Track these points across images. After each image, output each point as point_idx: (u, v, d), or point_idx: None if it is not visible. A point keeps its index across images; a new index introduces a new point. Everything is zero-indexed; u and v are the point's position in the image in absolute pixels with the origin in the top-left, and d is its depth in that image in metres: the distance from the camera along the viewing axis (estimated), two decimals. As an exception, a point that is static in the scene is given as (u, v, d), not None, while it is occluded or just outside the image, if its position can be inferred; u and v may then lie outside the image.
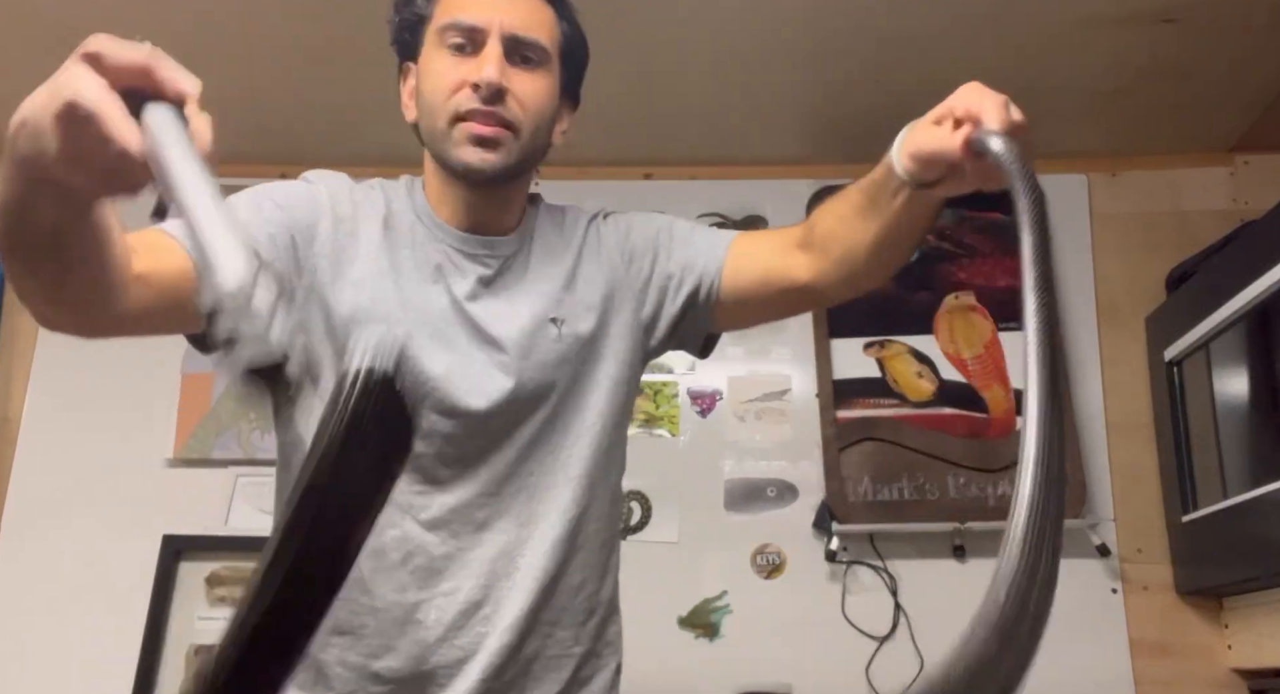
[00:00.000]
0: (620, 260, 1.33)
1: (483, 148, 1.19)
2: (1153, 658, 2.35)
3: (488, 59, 1.19)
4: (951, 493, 2.41)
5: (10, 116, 0.85)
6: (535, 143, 1.24)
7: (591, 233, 1.35)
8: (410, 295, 1.22)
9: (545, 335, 1.25)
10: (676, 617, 2.45)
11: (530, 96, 1.21)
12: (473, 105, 1.18)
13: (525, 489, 1.24)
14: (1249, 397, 2.17)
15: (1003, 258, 2.59)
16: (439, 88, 1.21)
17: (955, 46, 2.28)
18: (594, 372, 1.28)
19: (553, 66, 1.25)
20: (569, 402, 1.27)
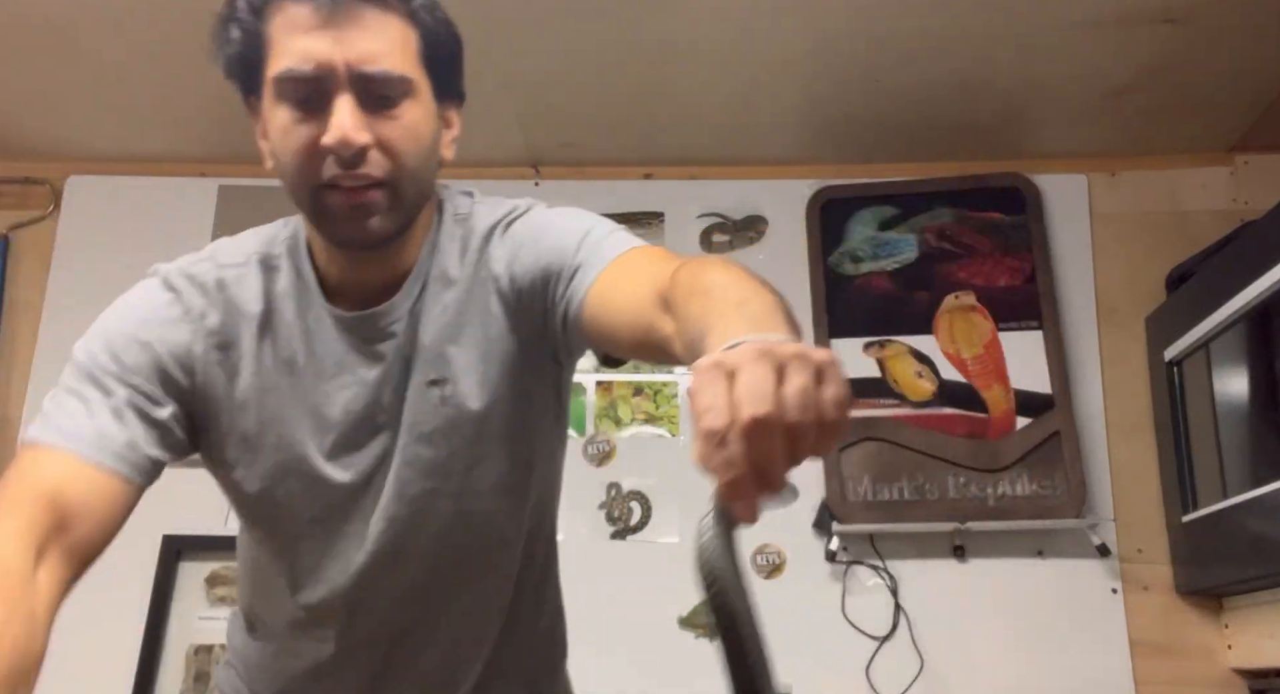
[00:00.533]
0: (509, 288, 1.10)
1: (357, 218, 1.02)
2: (1153, 658, 2.35)
3: (337, 118, 0.99)
4: (951, 493, 2.41)
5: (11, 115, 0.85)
6: (419, 186, 1.06)
7: (489, 251, 1.12)
8: (308, 406, 1.09)
9: (428, 404, 1.09)
10: (676, 617, 2.45)
11: (399, 141, 1.02)
12: (334, 172, 1.00)
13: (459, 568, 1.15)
14: (1249, 397, 2.17)
15: (1003, 257, 2.59)
16: (288, 154, 1.02)
17: (955, 47, 2.28)
18: (493, 429, 1.11)
19: (418, 89, 1.04)
20: (478, 466, 1.12)
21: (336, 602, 1.13)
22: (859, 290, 2.61)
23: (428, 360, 1.09)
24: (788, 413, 0.62)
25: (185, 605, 2.47)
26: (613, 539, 2.52)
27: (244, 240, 1.15)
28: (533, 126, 2.62)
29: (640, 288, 0.98)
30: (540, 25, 2.23)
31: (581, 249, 1.06)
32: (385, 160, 1.01)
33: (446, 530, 1.12)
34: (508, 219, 1.13)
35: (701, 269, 0.88)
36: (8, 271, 2.71)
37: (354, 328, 1.10)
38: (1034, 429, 2.44)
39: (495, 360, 1.10)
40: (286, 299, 1.11)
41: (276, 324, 1.10)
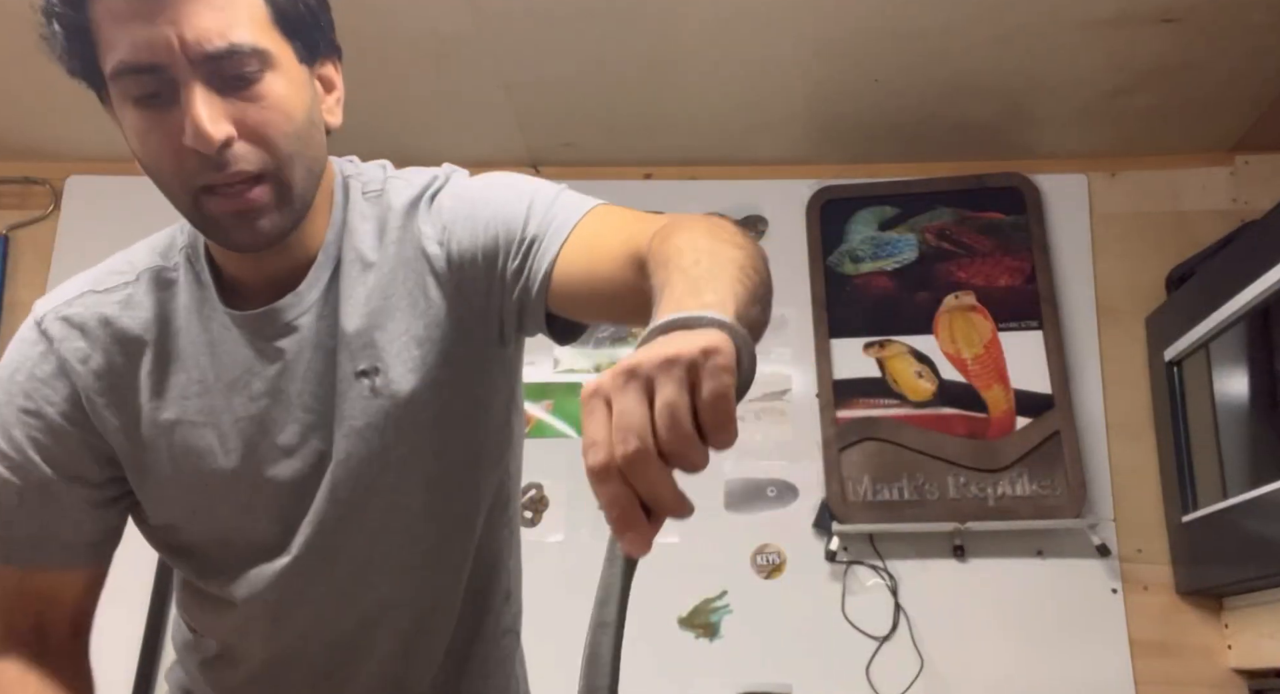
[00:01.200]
0: (444, 267, 1.01)
1: (244, 221, 0.91)
2: (1153, 658, 2.35)
3: (190, 113, 0.87)
4: (951, 493, 2.41)
5: (11, 115, 0.85)
6: (305, 165, 0.95)
7: (412, 228, 1.02)
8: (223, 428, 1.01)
9: (357, 395, 0.99)
10: (676, 617, 2.45)
11: (267, 122, 0.90)
12: (206, 178, 0.90)
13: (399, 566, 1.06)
14: (1249, 397, 2.17)
15: (1003, 258, 2.59)
16: (149, 157, 0.92)
17: (955, 47, 2.28)
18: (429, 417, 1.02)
19: (277, 58, 0.91)
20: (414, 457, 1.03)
21: (261, 609, 1.05)
22: (859, 290, 2.61)
23: (354, 350, 0.99)
24: (660, 438, 0.60)
25: (185, 605, 2.47)
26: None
27: (136, 253, 1.06)
28: (533, 126, 2.62)
29: (612, 252, 0.91)
30: (540, 26, 2.23)
31: (530, 219, 0.98)
32: (257, 151, 0.90)
33: (380, 531, 1.03)
34: (429, 191, 1.03)
35: (672, 231, 0.83)
36: (7, 271, 2.72)
37: (254, 327, 1.00)
38: (1034, 429, 2.44)
39: (430, 344, 1.00)
40: (187, 314, 1.01)
41: (177, 346, 1.01)
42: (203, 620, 1.12)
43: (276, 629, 1.07)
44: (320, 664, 1.08)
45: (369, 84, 2.38)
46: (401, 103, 2.49)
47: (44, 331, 1.02)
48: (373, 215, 1.03)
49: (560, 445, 2.59)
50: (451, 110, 2.53)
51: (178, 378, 1.01)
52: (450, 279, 1.00)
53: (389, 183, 1.05)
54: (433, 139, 2.59)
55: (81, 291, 1.04)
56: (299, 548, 1.02)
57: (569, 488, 2.55)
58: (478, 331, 1.02)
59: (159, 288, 1.02)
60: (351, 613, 1.07)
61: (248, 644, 1.09)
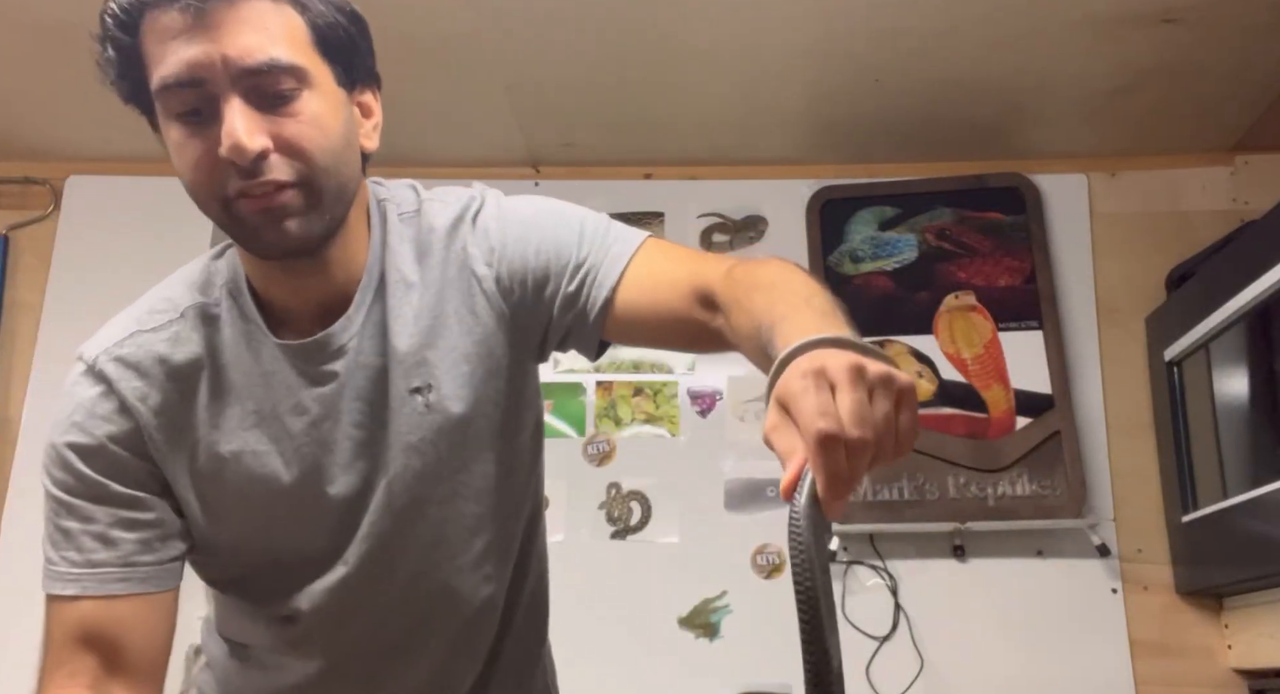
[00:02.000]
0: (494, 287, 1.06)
1: (273, 222, 0.94)
2: (1153, 658, 2.35)
3: (227, 125, 0.91)
4: (951, 493, 2.41)
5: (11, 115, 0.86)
6: (338, 181, 0.97)
7: (457, 247, 1.07)
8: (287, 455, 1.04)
9: (412, 411, 1.04)
10: (676, 617, 2.45)
11: (302, 138, 0.93)
12: (238, 185, 0.93)
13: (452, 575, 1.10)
14: (1249, 397, 2.17)
15: (1003, 258, 2.59)
16: (188, 170, 0.95)
17: (955, 47, 2.28)
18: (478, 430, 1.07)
19: (315, 79, 0.95)
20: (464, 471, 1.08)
21: (321, 620, 1.09)
22: (859, 290, 2.61)
23: (407, 367, 1.03)
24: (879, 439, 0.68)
25: (185, 605, 2.46)
26: (613, 539, 2.52)
27: (173, 289, 1.07)
28: (533, 126, 2.62)
29: (675, 285, 1.00)
30: (540, 26, 2.23)
31: (583, 245, 1.04)
32: (290, 163, 0.93)
33: (435, 542, 1.08)
34: (469, 212, 1.08)
35: (759, 266, 0.94)
36: (8, 271, 2.71)
37: (304, 356, 1.03)
38: (1034, 429, 2.44)
39: (478, 360, 1.06)
40: (235, 347, 1.04)
41: (228, 379, 1.04)
42: (255, 637, 1.14)
43: (334, 639, 1.10)
44: (371, 669, 1.12)
45: (369, 84, 2.38)
46: (402, 103, 2.48)
47: (100, 373, 1.03)
48: (410, 236, 1.07)
49: (560, 445, 2.59)
50: (451, 110, 2.53)
51: (233, 410, 1.03)
52: (498, 299, 1.06)
53: (425, 204, 1.09)
54: (433, 139, 2.59)
55: (129, 332, 1.05)
56: (356, 560, 1.06)
57: (569, 488, 2.56)
58: (521, 348, 1.08)
59: (204, 323, 1.04)
60: (405, 619, 1.11)
61: (304, 653, 1.12)
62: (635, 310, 1.02)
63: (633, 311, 1.02)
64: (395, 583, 1.09)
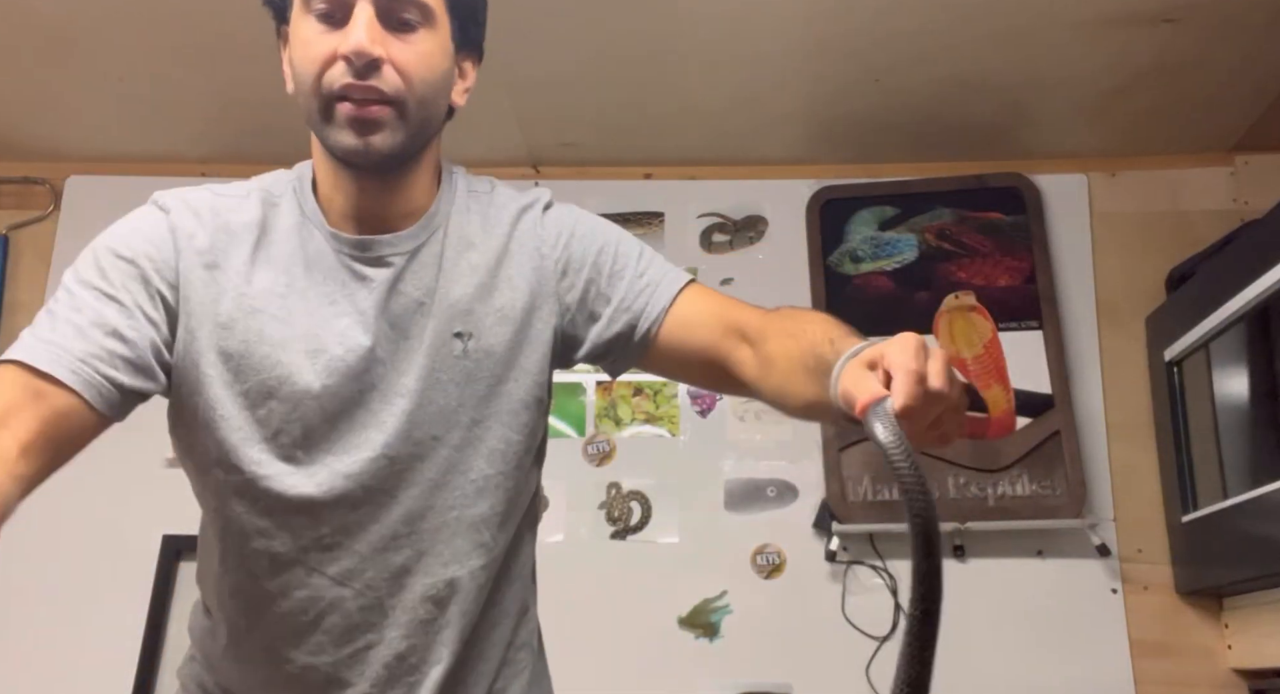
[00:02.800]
0: (553, 267, 1.16)
1: (362, 131, 1.05)
2: (1153, 658, 2.35)
3: (355, 28, 1.03)
4: (951, 493, 2.41)
5: (11, 115, 0.85)
6: (426, 114, 1.09)
7: (524, 226, 1.18)
8: (299, 329, 1.08)
9: (448, 352, 1.11)
10: (676, 617, 2.45)
11: (412, 64, 1.06)
12: (346, 81, 1.03)
13: (445, 526, 1.11)
14: (1249, 397, 2.17)
15: (1003, 258, 2.59)
16: (307, 62, 1.06)
17: (955, 47, 2.28)
18: (505, 390, 1.13)
19: (438, 23, 1.09)
20: (480, 426, 1.12)
21: (315, 535, 1.08)
22: (859, 290, 2.61)
23: (454, 313, 1.11)
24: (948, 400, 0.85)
25: (185, 606, 2.46)
26: (613, 539, 2.52)
27: (245, 184, 1.17)
28: (533, 126, 2.62)
29: (714, 322, 1.13)
30: (541, 25, 2.23)
31: (641, 261, 1.17)
32: (396, 78, 1.05)
33: (438, 484, 1.10)
34: (540, 203, 1.20)
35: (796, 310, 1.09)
36: (8, 271, 2.72)
37: (352, 251, 1.11)
38: (1034, 429, 2.44)
39: (521, 328, 1.14)
40: (287, 230, 1.12)
41: (272, 250, 1.11)
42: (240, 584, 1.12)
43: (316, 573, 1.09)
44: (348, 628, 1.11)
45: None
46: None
47: (161, 205, 1.12)
48: (478, 209, 1.18)
49: (560, 445, 2.58)
50: (451, 110, 2.52)
51: (267, 274, 1.10)
52: (553, 281, 1.16)
53: (497, 190, 1.21)
54: (433, 139, 2.59)
55: (199, 190, 1.14)
56: (366, 476, 1.08)
57: (569, 488, 2.56)
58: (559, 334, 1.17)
59: (265, 204, 1.13)
60: (389, 564, 1.10)
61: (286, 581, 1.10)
62: (676, 337, 1.14)
63: (675, 338, 1.14)
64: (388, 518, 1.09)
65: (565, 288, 1.16)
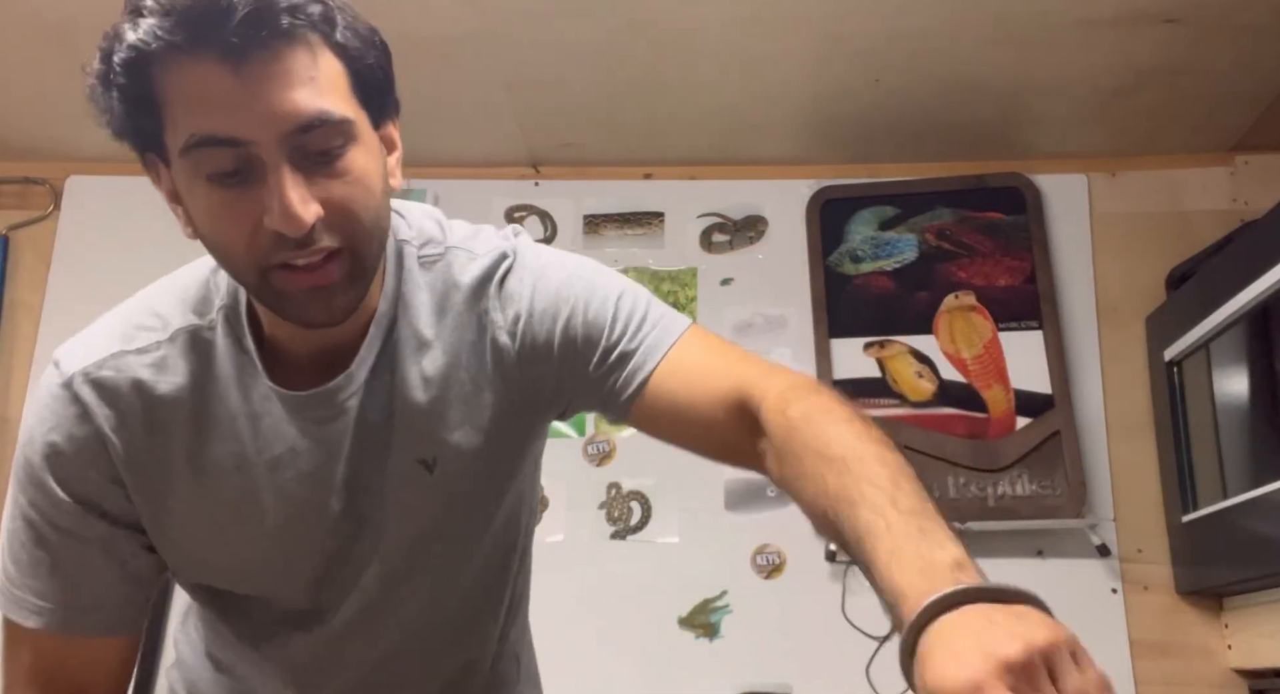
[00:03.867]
0: (514, 359, 0.99)
1: (321, 301, 0.87)
2: (1153, 658, 2.35)
3: (281, 196, 0.81)
4: (951, 493, 2.41)
5: (11, 114, 0.85)
6: (379, 237, 0.91)
7: (479, 316, 0.98)
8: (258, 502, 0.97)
9: (415, 483, 0.98)
10: (676, 617, 2.45)
11: (351, 200, 0.86)
12: (283, 255, 0.84)
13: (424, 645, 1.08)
14: (1249, 397, 2.17)
15: (1003, 258, 2.59)
16: (218, 236, 0.86)
17: (955, 47, 2.28)
18: (482, 507, 1.03)
19: (359, 129, 0.87)
20: (456, 547, 1.03)
21: (294, 671, 1.06)
22: (859, 290, 2.61)
23: (413, 435, 0.96)
24: None
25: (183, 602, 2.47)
26: (613, 539, 2.52)
27: (165, 304, 0.99)
28: (533, 126, 2.62)
29: (713, 390, 0.92)
30: (541, 25, 2.23)
31: (618, 325, 0.96)
32: (339, 227, 0.85)
33: (427, 600, 1.05)
34: (499, 273, 0.99)
35: (822, 417, 0.83)
36: (8, 271, 2.71)
37: (305, 408, 0.95)
38: (1034, 429, 2.44)
39: (489, 434, 0.99)
40: (226, 382, 0.95)
41: (214, 415, 0.96)
42: (230, 661, 1.11)
43: (304, 687, 1.07)
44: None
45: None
46: (402, 102, 2.49)
47: (76, 395, 0.95)
48: (428, 286, 0.98)
49: (560, 446, 2.58)
50: (451, 110, 2.52)
51: (215, 450, 0.96)
52: (519, 370, 0.98)
53: (450, 253, 1.00)
54: (433, 139, 2.59)
55: (111, 351, 0.96)
56: (343, 621, 1.03)
57: (569, 488, 2.55)
58: (537, 416, 1.03)
59: (196, 351, 0.96)
60: (390, 671, 1.08)
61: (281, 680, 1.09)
62: (666, 405, 0.94)
63: (663, 405, 0.94)
64: (381, 643, 1.05)
65: (536, 378, 0.99)
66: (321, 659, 1.05)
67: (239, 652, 1.09)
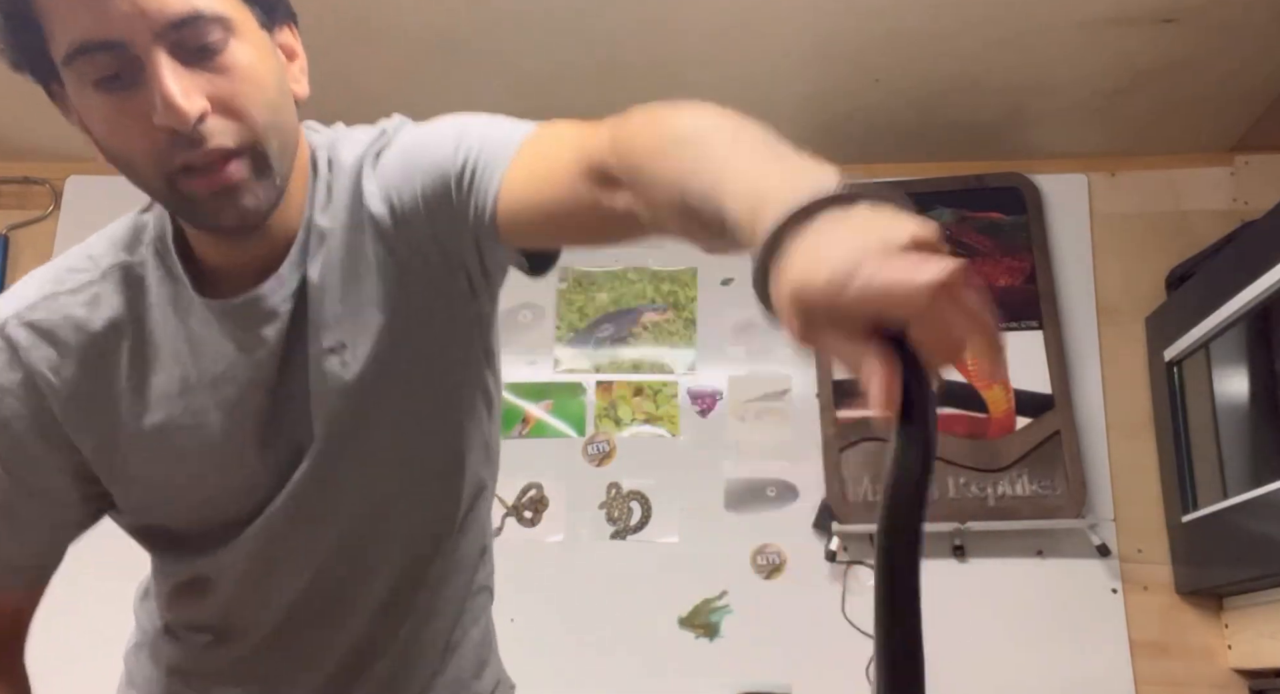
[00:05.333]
0: (393, 227, 0.95)
1: (227, 203, 0.86)
2: (1153, 658, 2.35)
3: (161, 88, 0.81)
4: (951, 493, 2.41)
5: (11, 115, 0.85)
6: (282, 135, 0.90)
7: (360, 191, 0.96)
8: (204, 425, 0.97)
9: (331, 373, 0.95)
10: (676, 617, 2.45)
11: (240, 94, 0.85)
12: (180, 158, 0.84)
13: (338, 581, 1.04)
14: (1249, 397, 2.17)
15: (1003, 258, 2.59)
16: (118, 144, 0.86)
17: (955, 47, 2.28)
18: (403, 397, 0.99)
19: (240, 25, 0.86)
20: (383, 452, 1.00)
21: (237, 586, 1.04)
22: (859, 290, 2.60)
23: (321, 326, 0.95)
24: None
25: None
26: (613, 539, 2.52)
27: (95, 248, 0.99)
28: (533, 126, 2.62)
29: (563, 167, 0.85)
30: (542, 26, 2.23)
31: (461, 149, 0.92)
32: (232, 124, 0.85)
33: (366, 497, 1.02)
34: (375, 149, 0.97)
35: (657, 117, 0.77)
36: (7, 271, 2.72)
37: (236, 317, 0.94)
38: (1034, 429, 2.44)
39: (394, 311, 0.95)
40: (161, 310, 0.95)
41: (153, 344, 0.95)
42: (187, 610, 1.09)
43: (262, 600, 1.04)
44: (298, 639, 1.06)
45: (370, 83, 2.38)
46: (402, 102, 2.48)
47: (7, 338, 0.95)
48: (326, 181, 0.97)
49: (560, 445, 2.59)
50: (451, 110, 2.52)
51: (158, 378, 0.96)
52: (399, 237, 0.95)
53: (336, 145, 0.99)
54: (433, 139, 2.59)
55: (44, 294, 0.96)
56: (280, 519, 1.00)
57: (569, 488, 2.56)
58: (440, 287, 0.97)
59: (128, 285, 0.96)
60: (334, 581, 1.04)
61: (230, 623, 1.07)
62: (523, 206, 0.88)
63: (522, 208, 0.88)
64: (322, 541, 1.02)
65: (418, 239, 0.95)
66: (271, 561, 1.02)
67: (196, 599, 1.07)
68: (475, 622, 1.15)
